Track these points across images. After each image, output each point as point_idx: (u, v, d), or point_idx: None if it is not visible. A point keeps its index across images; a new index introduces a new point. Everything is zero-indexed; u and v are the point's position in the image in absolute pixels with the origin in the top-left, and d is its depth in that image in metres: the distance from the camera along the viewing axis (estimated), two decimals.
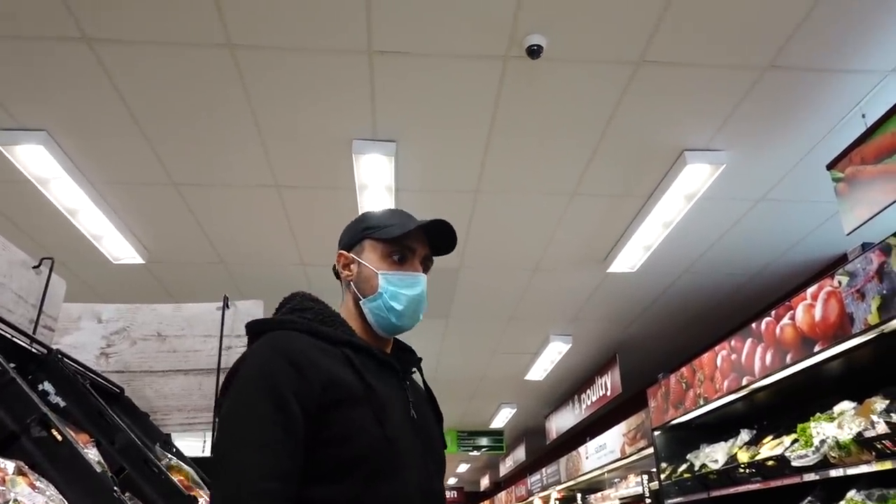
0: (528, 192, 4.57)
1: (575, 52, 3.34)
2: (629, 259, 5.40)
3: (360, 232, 1.47)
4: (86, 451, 1.34)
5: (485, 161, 4.24)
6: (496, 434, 13.46)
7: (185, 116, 3.81)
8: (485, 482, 21.20)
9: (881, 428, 3.38)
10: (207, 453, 2.68)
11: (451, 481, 23.98)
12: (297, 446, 1.14)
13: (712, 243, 5.30)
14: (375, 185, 4.38)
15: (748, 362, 4.31)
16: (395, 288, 1.41)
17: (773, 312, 4.02)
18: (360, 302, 1.42)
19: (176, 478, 1.56)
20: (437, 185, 4.55)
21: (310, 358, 1.22)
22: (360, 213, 1.55)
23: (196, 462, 1.96)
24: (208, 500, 1.21)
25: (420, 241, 1.46)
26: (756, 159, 4.20)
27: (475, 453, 13.96)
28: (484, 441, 13.59)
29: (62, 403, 1.53)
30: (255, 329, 1.35)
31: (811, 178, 4.34)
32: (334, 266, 1.51)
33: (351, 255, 1.46)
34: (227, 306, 2.74)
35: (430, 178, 4.47)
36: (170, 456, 1.81)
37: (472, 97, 3.67)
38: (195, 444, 3.70)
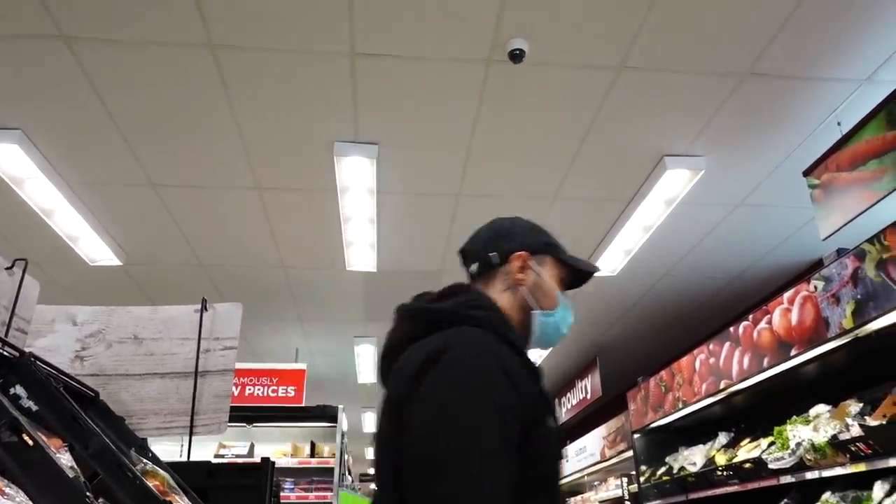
0: (509, 196, 4.59)
1: (557, 57, 3.36)
2: (610, 262, 5.44)
3: (542, 243, 1.44)
4: (58, 455, 1.31)
5: (467, 164, 4.25)
6: None
7: (165, 116, 3.77)
8: None
9: (855, 431, 3.43)
10: (185, 458, 2.65)
11: None
12: (511, 465, 1.02)
13: (692, 247, 5.35)
14: (357, 187, 4.36)
15: (726, 366, 4.36)
16: (568, 312, 1.41)
17: (750, 317, 4.07)
18: (534, 312, 1.34)
19: (151, 483, 1.54)
20: (418, 188, 4.55)
21: (516, 369, 1.11)
22: (511, 217, 1.52)
23: (173, 467, 1.93)
24: None
25: None
26: (734, 165, 4.26)
27: None
28: None
29: (34, 407, 1.50)
30: (441, 318, 1.23)
31: (788, 185, 4.40)
32: (470, 252, 1.44)
33: (533, 261, 1.39)
34: (206, 308, 2.71)
35: (412, 181, 4.46)
36: (145, 461, 1.79)
37: (454, 100, 3.68)
38: (173, 448, 3.65)
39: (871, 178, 3.28)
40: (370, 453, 14.18)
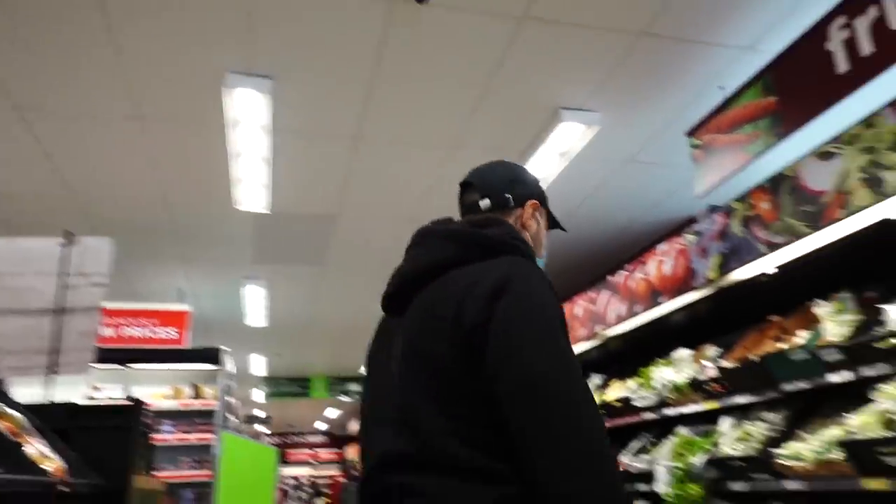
0: (409, 142, 4.54)
1: (462, 1, 3.30)
2: None
3: (543, 196, 1.56)
4: None
5: (366, 106, 4.14)
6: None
7: (31, 34, 3.36)
8: (353, 426, 21.54)
9: (710, 372, 3.78)
10: (47, 400, 2.48)
11: (321, 426, 24.14)
12: None
13: (582, 201, 5.57)
14: (249, 122, 4.14)
15: (603, 312, 4.63)
16: (542, 262, 1.50)
17: (627, 266, 4.33)
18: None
19: (3, 424, 1.43)
20: (315, 128, 4.39)
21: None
22: (517, 164, 1.66)
23: (34, 408, 1.80)
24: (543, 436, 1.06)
25: None
26: (627, 122, 4.43)
27: (345, 398, 14.10)
28: (354, 386, 13.73)
29: None
30: (494, 245, 1.28)
31: (675, 144, 4.64)
32: (484, 187, 1.51)
33: (539, 211, 1.53)
34: (71, 242, 2.50)
35: (308, 120, 4.30)
36: None
37: (355, 38, 3.54)
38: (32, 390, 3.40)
39: (747, 140, 3.51)
40: (257, 395, 14.02)
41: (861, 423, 2.83)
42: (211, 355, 4.64)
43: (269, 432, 23.34)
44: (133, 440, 1.95)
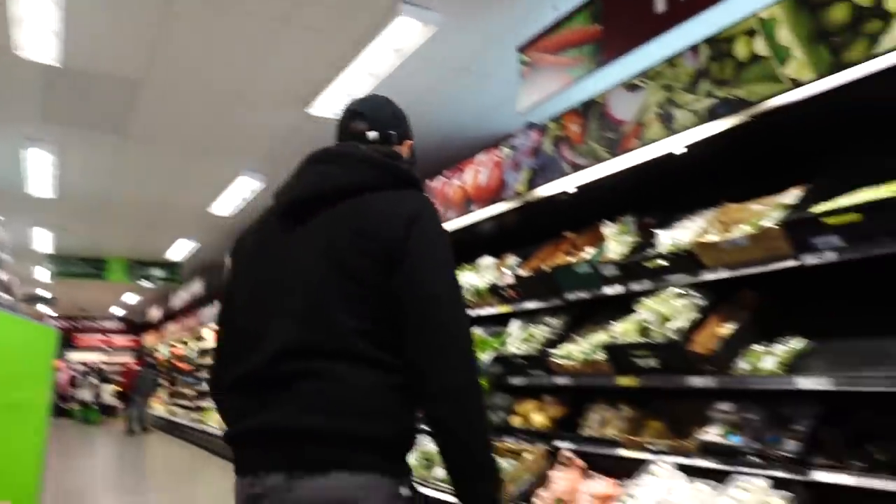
0: (231, 10, 4.11)
1: None
2: (333, 104, 5.35)
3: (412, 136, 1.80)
4: None
5: None
6: (172, 266, 12.88)
7: None
8: (154, 313, 20.44)
9: (508, 279, 4.08)
10: None
11: (118, 311, 22.60)
12: None
13: (410, 103, 5.47)
14: None
15: None
16: None
17: (446, 174, 4.44)
18: None
19: None
20: None
21: None
22: (388, 98, 1.81)
23: None
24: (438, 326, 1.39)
25: None
26: (463, 28, 4.40)
27: (147, 284, 13.26)
28: (158, 272, 12.93)
29: None
30: (405, 178, 1.54)
31: (507, 58, 4.71)
32: (374, 121, 1.69)
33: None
34: None
35: None
36: None
37: None
38: None
39: (570, 63, 3.67)
40: (42, 273, 12.67)
41: (622, 330, 3.25)
42: None
43: (54, 314, 21.38)
44: None
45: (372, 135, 1.65)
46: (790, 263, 2.53)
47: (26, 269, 13.69)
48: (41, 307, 18.43)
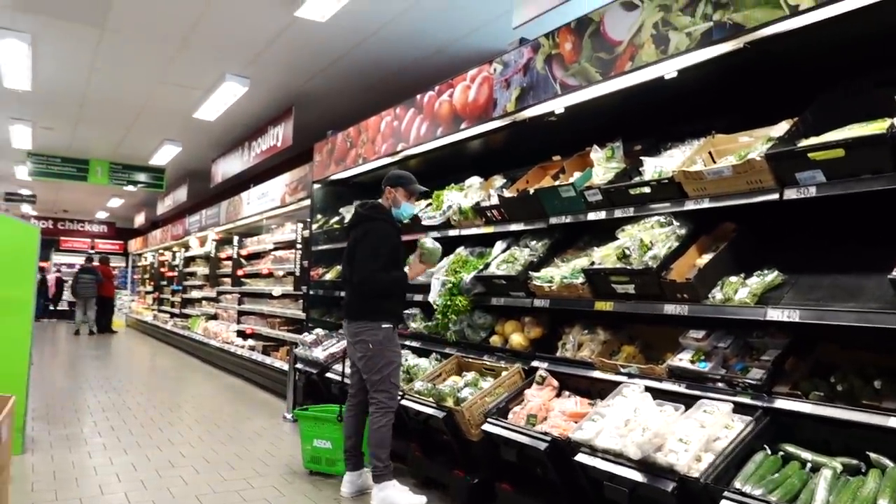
0: None
1: None
2: (321, 7, 5.10)
3: (397, 184, 3.95)
4: None
5: None
6: (156, 171, 12.68)
7: None
8: (139, 219, 20.31)
9: (493, 200, 4.06)
10: None
11: (102, 215, 22.42)
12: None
13: (404, 9, 5.28)
14: None
15: (406, 130, 4.65)
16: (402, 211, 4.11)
17: (436, 88, 4.31)
18: (393, 209, 4.01)
19: None
20: None
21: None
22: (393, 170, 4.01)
23: None
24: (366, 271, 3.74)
25: None
26: None
27: (130, 188, 13.09)
28: (142, 177, 12.73)
29: None
30: (378, 214, 3.87)
31: None
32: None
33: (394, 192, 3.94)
34: None
35: None
36: None
37: None
38: None
39: None
40: (22, 172, 12.43)
41: (602, 255, 3.27)
42: None
43: (34, 213, 21.15)
44: None
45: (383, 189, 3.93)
46: (772, 197, 2.52)
47: (8, 167, 13.43)
48: (25, 207, 18.22)
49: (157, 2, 5.38)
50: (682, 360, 2.91)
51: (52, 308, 20.35)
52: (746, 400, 2.56)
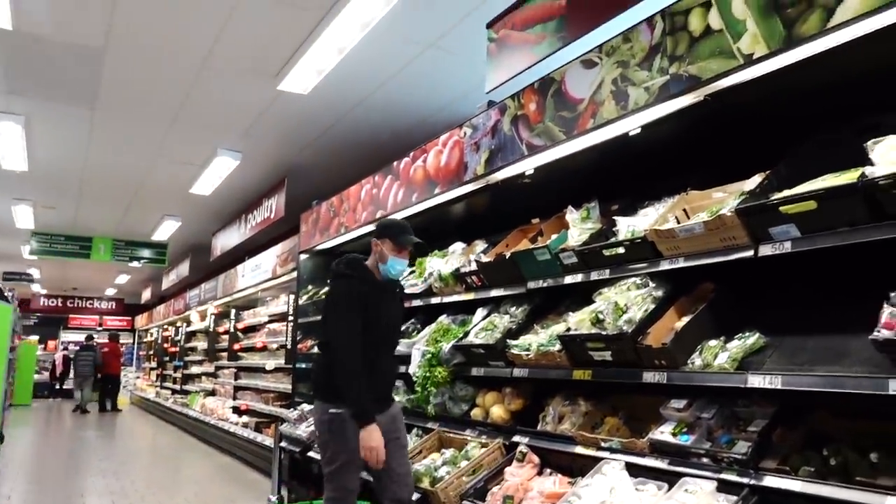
0: None
1: None
2: (302, 80, 5.17)
3: (385, 235, 3.23)
4: None
5: None
6: (159, 246, 12.74)
7: None
8: (146, 295, 20.35)
9: (472, 266, 3.93)
10: None
11: (110, 292, 22.52)
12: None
13: (384, 81, 5.34)
14: None
15: (384, 197, 4.58)
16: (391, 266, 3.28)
17: (411, 154, 4.27)
18: (380, 264, 3.27)
19: None
20: None
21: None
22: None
23: None
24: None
25: None
26: (431, 2, 4.20)
27: (135, 264, 13.13)
28: (145, 253, 12.79)
29: None
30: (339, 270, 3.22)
31: (478, 35, 4.52)
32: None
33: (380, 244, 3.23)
34: None
35: None
36: None
37: None
38: None
39: (535, 41, 3.49)
40: (26, 252, 12.53)
41: (577, 320, 3.10)
42: None
43: (43, 292, 21.29)
44: None
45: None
46: (747, 254, 2.37)
47: (14, 247, 13.57)
48: (34, 286, 18.35)
49: (143, 82, 5.48)
50: (664, 433, 2.69)
51: (58, 387, 20.14)
52: (732, 477, 2.33)
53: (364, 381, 2.91)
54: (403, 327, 4.72)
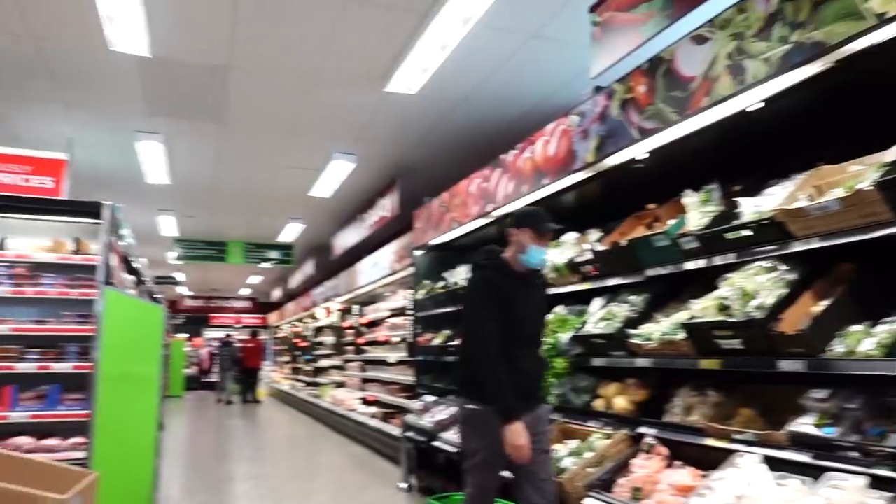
0: None
1: None
2: (408, 80, 5.30)
3: (524, 224, 3.02)
4: None
5: None
6: (285, 248, 13.54)
7: None
8: (276, 293, 21.69)
9: (587, 255, 3.87)
10: None
11: (245, 292, 24.21)
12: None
13: (489, 74, 5.35)
14: None
15: (494, 190, 4.61)
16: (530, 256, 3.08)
17: (519, 146, 4.25)
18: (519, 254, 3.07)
19: None
20: None
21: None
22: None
23: None
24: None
25: None
26: None
27: (266, 265, 14.04)
28: (273, 254, 13.63)
29: None
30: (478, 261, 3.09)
31: (581, 20, 4.43)
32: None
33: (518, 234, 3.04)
34: None
35: None
36: None
37: None
38: None
39: (641, 20, 3.37)
40: (171, 257, 13.75)
41: (702, 307, 2.97)
42: (91, 209, 4.34)
43: (189, 293, 23.27)
44: None
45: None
46: (890, 231, 2.17)
47: (161, 253, 14.92)
48: (179, 289, 20.12)
49: (264, 97, 5.85)
50: (805, 424, 2.52)
51: (204, 380, 21.99)
52: (886, 472, 2.15)
53: (505, 376, 2.75)
54: None
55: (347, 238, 10.30)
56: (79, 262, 4.41)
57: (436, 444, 4.94)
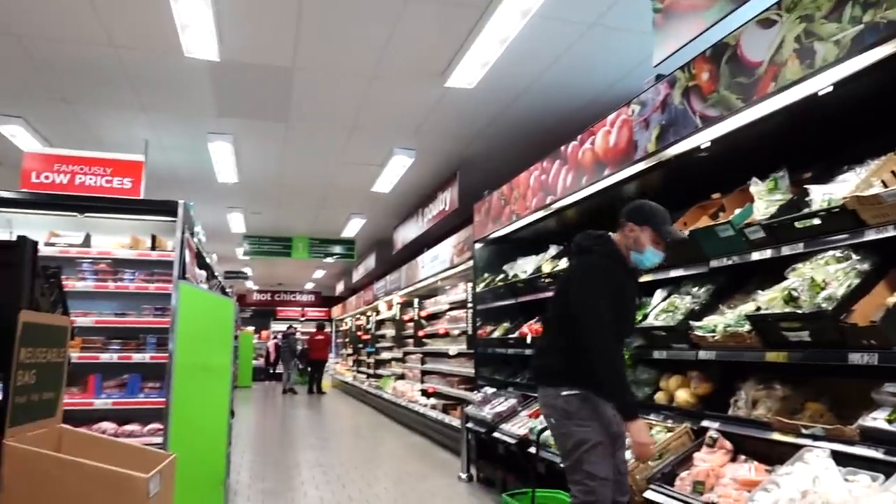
0: None
1: None
2: (467, 74, 5.34)
3: (642, 221, 2.90)
4: None
5: None
6: (348, 243, 13.83)
7: None
8: (339, 287, 22.17)
9: None
10: None
11: (309, 286, 24.84)
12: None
13: (548, 66, 5.33)
14: None
15: (553, 182, 4.59)
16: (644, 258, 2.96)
17: (579, 137, 4.22)
18: (632, 251, 2.95)
19: None
20: None
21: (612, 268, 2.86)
22: (638, 202, 2.98)
23: None
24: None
25: None
26: None
27: (329, 260, 14.38)
28: (336, 249, 13.95)
29: None
30: (593, 247, 2.93)
31: (642, 8, 4.36)
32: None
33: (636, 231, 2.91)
34: None
35: None
36: None
37: None
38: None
39: (704, 6, 3.29)
40: (240, 253, 14.27)
41: (768, 298, 2.90)
42: (168, 208, 4.59)
43: (255, 288, 24.07)
44: (20, 276, 1.96)
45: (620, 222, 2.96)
46: None
47: (230, 249, 15.50)
48: (248, 283, 20.85)
49: (326, 94, 6.00)
50: (877, 419, 2.44)
51: (271, 371, 22.73)
52: None
53: (624, 371, 2.76)
54: None
55: (408, 232, 10.45)
56: (156, 258, 4.65)
57: (495, 434, 4.98)
